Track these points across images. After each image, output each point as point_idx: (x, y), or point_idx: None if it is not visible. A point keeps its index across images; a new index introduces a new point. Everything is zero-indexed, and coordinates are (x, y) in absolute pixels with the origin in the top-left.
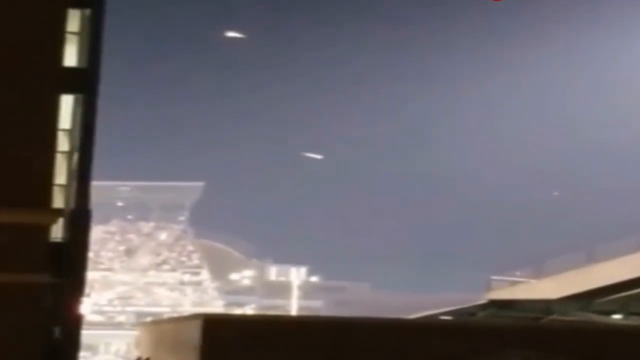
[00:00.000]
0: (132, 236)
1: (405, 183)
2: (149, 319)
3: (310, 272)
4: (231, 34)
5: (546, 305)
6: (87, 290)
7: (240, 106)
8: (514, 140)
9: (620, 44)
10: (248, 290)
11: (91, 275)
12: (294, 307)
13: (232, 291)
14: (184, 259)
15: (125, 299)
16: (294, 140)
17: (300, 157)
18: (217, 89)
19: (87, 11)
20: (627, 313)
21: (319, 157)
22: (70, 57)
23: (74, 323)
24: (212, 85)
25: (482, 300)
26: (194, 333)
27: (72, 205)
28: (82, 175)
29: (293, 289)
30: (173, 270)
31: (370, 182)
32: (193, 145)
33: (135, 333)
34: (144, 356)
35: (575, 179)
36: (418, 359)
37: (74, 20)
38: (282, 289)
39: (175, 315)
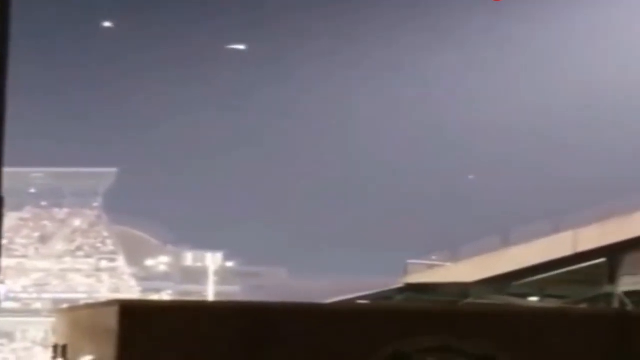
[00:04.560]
0: (46, 223)
1: (322, 167)
2: (65, 305)
3: (227, 258)
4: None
5: (462, 289)
6: (1, 277)
7: (151, 90)
8: (431, 123)
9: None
10: (164, 276)
11: (5, 262)
12: (210, 292)
13: (148, 277)
14: (99, 245)
15: (40, 285)
16: (208, 127)
17: (215, 143)
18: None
19: None
20: (543, 295)
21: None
22: None
23: None
24: (119, 71)
25: (399, 284)
26: (111, 319)
27: None
28: None
29: (209, 275)
30: (88, 256)
31: (287, 167)
32: (104, 130)
33: (52, 320)
34: (61, 343)
35: (490, 163)
36: (337, 343)
37: None
38: (199, 274)
39: (91, 301)
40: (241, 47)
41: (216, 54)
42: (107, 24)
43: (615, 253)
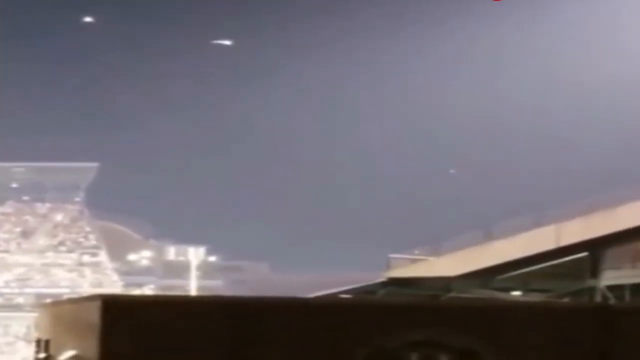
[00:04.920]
0: (28, 217)
1: (305, 162)
2: (47, 300)
3: (209, 252)
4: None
5: (445, 283)
6: None
7: (134, 85)
8: (411, 118)
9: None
10: (147, 271)
11: None
12: (193, 286)
13: (130, 272)
14: (81, 239)
15: (23, 280)
16: (191, 122)
17: (198, 138)
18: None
19: None
20: (526, 289)
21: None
22: None
23: None
24: (101, 66)
25: (382, 278)
26: (93, 313)
27: None
28: None
29: (192, 269)
30: (71, 251)
31: (269, 162)
32: (86, 125)
33: (34, 314)
34: (44, 338)
35: (472, 157)
36: (320, 337)
37: None
38: (181, 268)
39: (74, 296)
40: (227, 42)
41: (202, 49)
42: (88, 19)
43: (598, 247)
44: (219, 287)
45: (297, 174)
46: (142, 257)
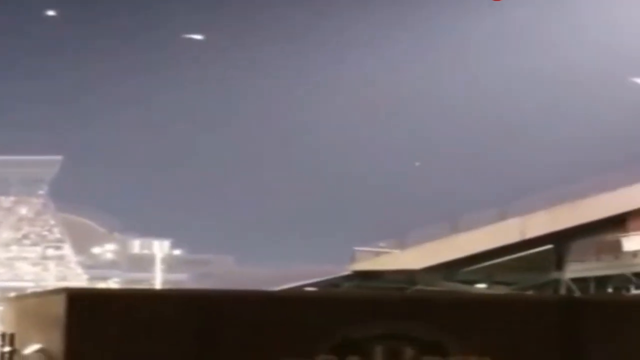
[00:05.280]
0: None
1: (269, 154)
2: (12, 294)
3: (174, 245)
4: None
5: (410, 276)
6: None
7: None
8: (375, 111)
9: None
10: (111, 264)
11: None
12: (157, 280)
13: (95, 265)
14: (45, 233)
15: None
16: (156, 114)
17: (163, 130)
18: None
19: None
20: (491, 282)
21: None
22: None
23: None
24: (66, 59)
25: (347, 271)
26: (58, 307)
27: None
28: None
29: (156, 262)
30: (35, 244)
31: (234, 155)
32: (50, 119)
33: None
34: (8, 331)
35: (437, 149)
36: (285, 330)
37: None
38: (146, 262)
39: (38, 289)
40: (199, 36)
41: (172, 43)
42: (50, 13)
43: (563, 240)
44: (184, 280)
45: (263, 167)
46: (107, 250)
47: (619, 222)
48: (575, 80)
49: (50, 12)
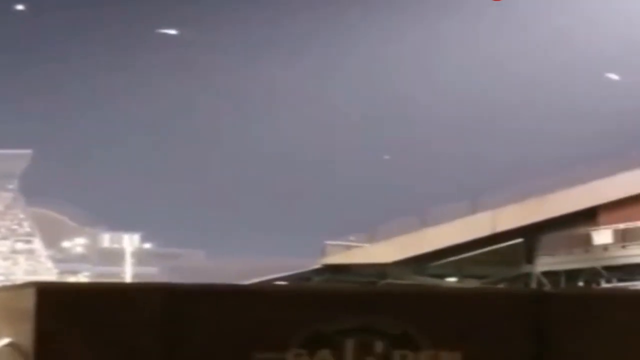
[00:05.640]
0: None
1: (240, 147)
2: None
3: (144, 239)
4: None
5: (381, 270)
6: None
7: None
8: (346, 103)
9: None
10: (81, 258)
11: None
12: (128, 274)
13: (65, 259)
14: (15, 227)
15: None
16: (127, 109)
17: (134, 125)
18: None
19: None
20: (462, 276)
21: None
22: None
23: None
24: (35, 53)
25: (317, 265)
26: (27, 301)
27: None
28: None
29: (126, 256)
30: (4, 238)
31: (204, 149)
32: (19, 112)
33: None
34: None
35: (407, 143)
36: (256, 324)
37: None
38: (116, 256)
39: (8, 283)
40: (172, 31)
41: (145, 38)
42: (19, 7)
43: (533, 233)
44: (154, 274)
45: (234, 161)
46: (77, 244)
47: (589, 216)
48: (546, 75)
49: (19, 7)
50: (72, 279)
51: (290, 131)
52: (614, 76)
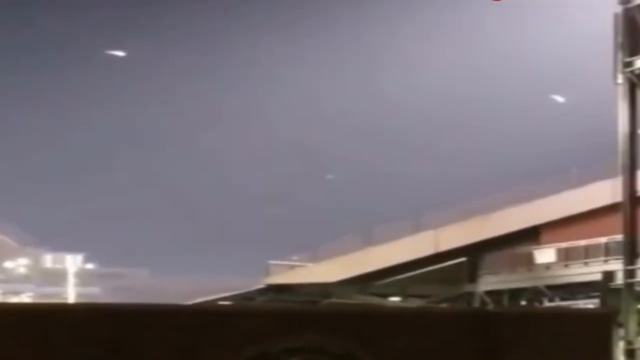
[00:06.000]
0: None
1: (183, 167)
2: None
3: (87, 259)
4: None
5: (324, 289)
6: None
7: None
8: (287, 122)
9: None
10: (24, 279)
11: None
12: (71, 294)
13: (7, 279)
14: None
15: None
16: (71, 128)
17: (78, 145)
18: None
19: None
20: (405, 295)
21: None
22: None
23: None
24: None
25: (261, 285)
26: None
27: None
28: None
29: (69, 277)
30: None
31: (148, 168)
32: None
33: None
34: None
35: (349, 162)
36: (200, 344)
37: None
38: (59, 276)
39: None
40: (120, 53)
41: (92, 59)
42: None
43: (476, 252)
44: (98, 294)
45: (178, 180)
46: (19, 264)
47: (532, 235)
48: (487, 95)
49: None
50: (14, 299)
51: (234, 150)
52: (559, 98)
